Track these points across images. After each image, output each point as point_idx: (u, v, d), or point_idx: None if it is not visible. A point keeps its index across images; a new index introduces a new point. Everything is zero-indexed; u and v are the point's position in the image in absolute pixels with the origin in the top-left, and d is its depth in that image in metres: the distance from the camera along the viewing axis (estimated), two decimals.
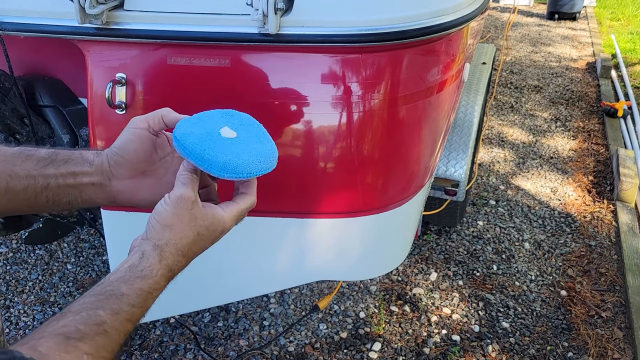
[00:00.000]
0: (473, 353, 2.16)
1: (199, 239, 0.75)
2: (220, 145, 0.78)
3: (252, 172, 0.78)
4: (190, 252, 0.75)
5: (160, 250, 0.72)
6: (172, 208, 0.73)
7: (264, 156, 0.80)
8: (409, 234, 1.68)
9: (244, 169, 0.77)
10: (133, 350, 2.14)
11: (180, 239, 0.73)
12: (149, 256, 0.71)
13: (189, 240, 0.74)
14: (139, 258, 0.70)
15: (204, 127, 0.81)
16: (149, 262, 0.70)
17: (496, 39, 6.35)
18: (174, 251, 0.73)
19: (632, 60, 5.65)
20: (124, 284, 0.67)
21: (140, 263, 0.70)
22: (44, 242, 2.19)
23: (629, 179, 3.12)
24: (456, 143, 2.15)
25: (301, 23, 1.13)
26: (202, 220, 0.75)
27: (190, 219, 0.73)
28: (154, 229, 0.73)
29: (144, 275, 0.69)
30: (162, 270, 0.71)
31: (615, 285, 2.53)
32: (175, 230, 0.73)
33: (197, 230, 0.74)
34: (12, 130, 1.42)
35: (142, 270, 0.69)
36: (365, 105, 1.23)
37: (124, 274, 0.68)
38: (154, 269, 0.70)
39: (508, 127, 4.16)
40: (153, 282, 0.69)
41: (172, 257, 0.72)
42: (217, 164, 0.75)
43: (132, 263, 0.70)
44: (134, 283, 0.67)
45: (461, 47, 1.53)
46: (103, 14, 1.13)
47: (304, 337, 2.21)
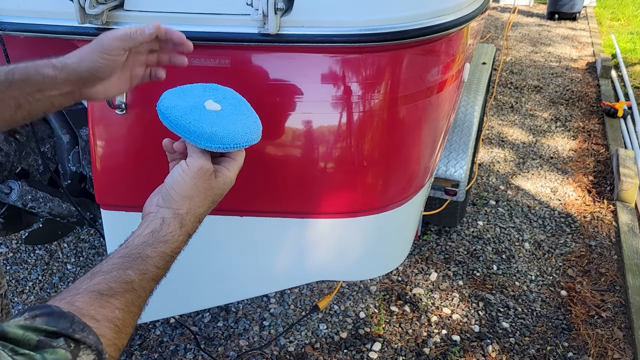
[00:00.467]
0: (473, 353, 2.16)
1: (213, 205, 0.82)
2: (206, 117, 0.81)
3: (238, 143, 0.82)
4: (204, 216, 0.82)
5: (181, 218, 0.78)
6: (192, 179, 0.78)
7: (249, 128, 0.84)
8: (409, 234, 1.68)
9: (230, 140, 0.80)
10: (133, 350, 2.14)
11: (199, 208, 0.79)
12: (169, 223, 0.77)
13: (206, 208, 0.81)
14: (160, 224, 0.77)
15: (188, 100, 0.84)
16: (171, 229, 0.76)
17: (496, 39, 6.35)
18: (193, 219, 0.79)
19: (632, 60, 5.65)
20: (149, 247, 0.73)
21: (162, 229, 0.76)
22: (44, 242, 2.19)
23: (629, 179, 3.12)
24: (456, 143, 2.15)
25: (301, 23, 1.13)
26: (217, 189, 0.81)
27: (207, 188, 0.79)
28: (174, 199, 0.79)
29: (166, 240, 0.75)
30: (183, 236, 0.77)
31: (615, 286, 2.53)
32: (195, 200, 0.79)
33: (212, 199, 0.81)
34: (12, 130, 1.42)
35: (164, 236, 0.75)
36: (365, 105, 1.23)
37: (147, 239, 0.75)
38: (175, 234, 0.76)
39: (508, 127, 4.16)
40: (175, 247, 0.76)
41: (191, 224, 0.79)
42: (203, 135, 0.78)
43: (154, 228, 0.76)
44: (158, 247, 0.74)
45: (461, 47, 1.53)
46: (103, 14, 1.13)
47: (304, 337, 2.21)
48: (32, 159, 1.48)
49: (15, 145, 1.42)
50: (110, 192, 1.34)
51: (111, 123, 1.26)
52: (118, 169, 1.32)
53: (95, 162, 1.30)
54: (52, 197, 1.48)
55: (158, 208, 0.79)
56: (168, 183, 0.80)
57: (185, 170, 0.79)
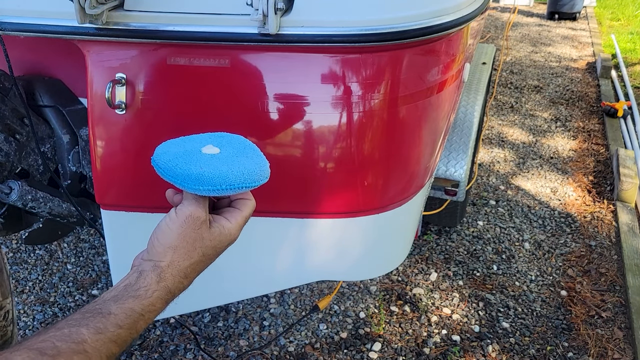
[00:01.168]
0: (473, 353, 2.16)
1: (204, 259, 0.71)
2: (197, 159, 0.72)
3: (232, 184, 0.71)
4: (194, 272, 0.71)
5: (160, 271, 0.68)
6: (178, 227, 0.69)
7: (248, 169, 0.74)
8: (409, 234, 1.68)
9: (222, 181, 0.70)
10: (133, 350, 2.14)
11: (184, 261, 0.69)
12: (146, 276, 0.67)
13: (193, 262, 0.70)
14: (136, 278, 0.67)
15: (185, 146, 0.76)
16: (146, 282, 0.66)
17: (496, 39, 6.35)
18: (176, 273, 0.69)
19: (632, 60, 5.65)
20: (115, 303, 0.63)
21: (137, 282, 0.66)
22: (44, 242, 2.18)
23: (629, 179, 3.12)
24: (456, 143, 2.15)
25: (301, 23, 1.13)
26: (209, 241, 0.71)
27: (196, 239, 0.69)
28: (156, 250, 0.69)
29: (137, 295, 0.65)
30: (160, 292, 0.67)
31: (615, 286, 2.53)
32: (179, 252, 0.69)
33: (203, 251, 0.71)
34: (12, 130, 1.42)
35: (137, 290, 0.65)
36: (365, 105, 1.23)
37: (118, 293, 0.65)
38: (149, 289, 0.66)
39: (508, 127, 4.16)
40: (147, 304, 0.65)
41: (172, 278, 0.68)
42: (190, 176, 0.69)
43: (129, 282, 0.66)
44: (126, 302, 0.64)
45: (461, 47, 1.53)
46: (103, 14, 1.13)
47: (304, 337, 2.21)
48: (32, 159, 1.48)
49: (15, 145, 1.42)
50: (110, 192, 1.34)
51: (111, 123, 1.26)
52: (118, 169, 1.32)
53: (95, 162, 1.30)
54: (52, 197, 1.48)
55: (141, 261, 0.69)
56: (153, 233, 0.71)
57: (172, 218, 0.69)
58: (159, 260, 0.68)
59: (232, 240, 0.75)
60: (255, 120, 1.24)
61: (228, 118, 1.25)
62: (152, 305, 0.66)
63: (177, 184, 0.71)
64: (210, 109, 1.25)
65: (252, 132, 1.26)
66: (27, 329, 2.24)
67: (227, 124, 1.25)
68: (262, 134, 1.26)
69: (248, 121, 1.25)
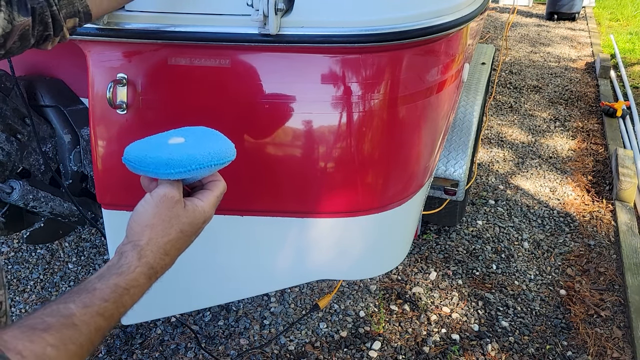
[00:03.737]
0: (472, 352, 2.16)
1: (182, 235, 0.74)
2: (165, 148, 0.77)
3: (201, 163, 0.75)
4: (174, 249, 0.74)
5: (140, 248, 0.71)
6: (154, 207, 0.72)
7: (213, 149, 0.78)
8: (408, 233, 1.68)
9: (191, 162, 0.74)
10: (134, 349, 2.14)
11: (162, 237, 0.72)
12: (127, 255, 0.70)
13: (171, 238, 0.73)
14: (117, 259, 0.70)
15: (151, 142, 0.80)
16: (127, 260, 0.69)
17: (495, 39, 6.36)
18: (155, 249, 0.72)
19: (631, 61, 5.66)
20: (99, 280, 0.66)
21: (119, 262, 0.69)
22: (45, 241, 2.19)
23: (628, 179, 3.13)
24: (456, 143, 2.15)
25: (301, 23, 1.13)
26: (185, 217, 0.74)
27: (172, 216, 0.72)
28: (134, 231, 0.72)
29: (121, 272, 0.68)
30: (141, 267, 0.69)
31: (614, 285, 2.54)
32: (156, 229, 0.72)
33: (180, 228, 0.73)
34: (13, 130, 1.42)
35: (119, 268, 0.68)
36: (365, 105, 1.24)
37: (100, 273, 0.68)
38: (131, 265, 0.69)
39: (507, 127, 4.17)
40: (130, 279, 0.68)
41: (152, 255, 0.71)
42: (160, 162, 0.73)
43: (111, 263, 0.70)
44: (110, 279, 0.67)
45: (461, 47, 1.53)
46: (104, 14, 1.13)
47: (304, 336, 2.22)
48: (33, 158, 1.49)
49: (16, 144, 1.42)
50: (112, 192, 1.35)
51: (112, 123, 1.27)
52: (119, 169, 1.32)
53: (97, 162, 1.30)
54: (53, 196, 1.49)
55: (121, 246, 0.73)
56: (130, 217, 0.74)
57: (147, 200, 0.74)
58: (138, 240, 0.71)
59: (207, 217, 0.77)
60: (256, 120, 1.25)
61: (228, 118, 1.25)
62: (135, 281, 0.68)
63: (149, 173, 0.74)
64: (210, 108, 1.26)
65: (253, 131, 1.26)
66: None
67: (228, 123, 1.25)
68: (263, 133, 1.27)
69: (248, 121, 1.25)
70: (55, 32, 0.89)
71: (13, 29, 0.84)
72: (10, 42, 0.85)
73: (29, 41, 0.89)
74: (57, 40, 0.93)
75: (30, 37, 0.88)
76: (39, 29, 0.89)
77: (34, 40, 0.90)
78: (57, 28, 0.89)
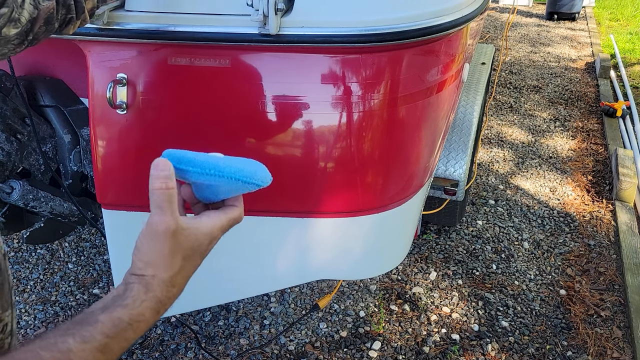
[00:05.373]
0: (472, 352, 2.16)
1: (187, 262, 0.69)
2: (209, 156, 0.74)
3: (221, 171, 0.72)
4: (181, 277, 0.69)
5: (146, 282, 0.66)
6: (149, 242, 0.67)
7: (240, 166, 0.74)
8: (408, 233, 1.68)
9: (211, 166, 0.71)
10: (134, 349, 2.14)
11: (165, 272, 0.67)
12: (133, 287, 0.66)
13: (175, 270, 0.68)
14: (123, 289, 0.66)
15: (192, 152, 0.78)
16: (133, 292, 0.65)
17: (495, 39, 6.36)
18: (162, 284, 0.67)
19: (631, 61, 5.66)
20: (103, 312, 0.63)
21: (125, 293, 0.65)
22: (45, 241, 2.19)
23: (627, 179, 3.13)
24: (455, 143, 2.16)
25: (301, 23, 1.13)
26: (187, 242, 0.68)
27: (171, 248, 0.67)
28: (137, 265, 0.68)
29: (126, 304, 0.64)
30: (148, 302, 0.66)
31: (614, 285, 2.54)
32: (159, 265, 0.67)
33: (182, 255, 0.68)
34: (13, 130, 1.42)
35: (124, 299, 0.64)
36: (365, 105, 1.24)
37: (105, 303, 0.64)
38: (137, 298, 0.65)
39: (507, 127, 4.17)
40: (135, 313, 0.64)
41: (159, 289, 0.67)
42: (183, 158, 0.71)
43: (117, 294, 0.65)
44: (114, 312, 0.63)
45: (461, 47, 1.53)
46: (104, 15, 1.13)
47: (304, 336, 2.22)
48: (33, 158, 1.49)
49: (16, 144, 1.42)
50: (112, 192, 1.35)
51: (112, 123, 1.27)
52: (119, 169, 1.32)
53: (97, 162, 1.30)
54: (53, 196, 1.49)
55: (128, 275, 0.69)
56: (134, 249, 0.70)
57: (144, 234, 0.68)
58: (143, 275, 0.67)
59: (213, 238, 0.72)
60: (256, 120, 1.25)
61: (229, 118, 1.25)
62: (141, 315, 0.65)
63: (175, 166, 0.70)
64: (211, 108, 1.26)
65: (253, 131, 1.26)
66: (29, 328, 2.25)
67: (228, 123, 1.26)
68: (263, 133, 1.27)
69: (249, 121, 1.25)
70: (77, 15, 0.92)
71: (39, 14, 0.87)
72: (36, 27, 0.89)
73: (53, 25, 0.92)
74: (78, 23, 0.96)
75: (54, 21, 0.91)
76: (62, 12, 0.92)
77: (57, 24, 0.93)
78: (79, 10, 0.92)
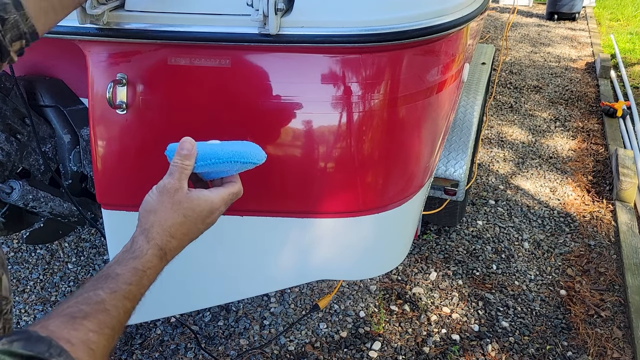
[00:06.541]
0: (473, 352, 2.16)
1: (187, 220, 0.81)
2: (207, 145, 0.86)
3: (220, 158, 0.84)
4: (179, 232, 0.80)
5: (147, 232, 0.78)
6: (156, 196, 0.80)
7: (236, 149, 0.86)
8: (408, 233, 1.68)
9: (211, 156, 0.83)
10: (134, 349, 2.14)
11: (165, 221, 0.79)
12: (137, 239, 0.78)
13: (175, 222, 0.80)
14: (130, 244, 0.78)
15: None
16: (139, 244, 0.77)
17: (496, 39, 6.36)
18: (160, 231, 0.79)
19: (631, 61, 5.66)
20: (118, 265, 0.74)
21: (132, 246, 0.77)
22: (45, 241, 2.19)
23: (628, 179, 3.13)
24: (456, 143, 2.15)
25: (301, 23, 1.13)
26: (187, 203, 0.80)
27: (174, 203, 0.80)
28: (142, 217, 0.80)
29: (135, 255, 0.75)
30: (152, 249, 0.77)
31: (614, 285, 2.54)
32: (159, 213, 0.79)
33: (183, 213, 0.80)
34: (13, 130, 1.42)
35: (133, 252, 0.76)
36: (365, 105, 1.24)
37: (118, 258, 0.76)
38: (143, 249, 0.76)
39: (507, 127, 4.17)
40: (145, 261, 0.75)
41: (159, 236, 0.78)
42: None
43: (126, 248, 0.77)
44: (128, 264, 0.74)
45: (461, 47, 1.53)
46: (104, 14, 1.13)
47: (304, 336, 2.22)
48: (33, 158, 1.49)
49: (16, 144, 1.42)
50: (111, 192, 1.35)
51: (112, 123, 1.27)
52: (119, 169, 1.32)
53: (96, 162, 1.30)
54: (53, 196, 1.48)
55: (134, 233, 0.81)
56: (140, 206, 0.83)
57: (152, 190, 0.82)
58: (144, 224, 0.79)
59: (213, 208, 0.83)
60: (256, 120, 1.25)
61: (229, 118, 1.25)
62: (149, 262, 0.76)
63: None
64: (211, 108, 1.26)
65: (253, 132, 1.26)
66: None
67: (228, 123, 1.25)
68: (263, 133, 1.27)
69: (248, 121, 1.25)
70: (2, 58, 0.87)
71: None
72: None
73: None
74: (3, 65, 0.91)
75: None
76: None
77: None
78: (4, 53, 0.86)
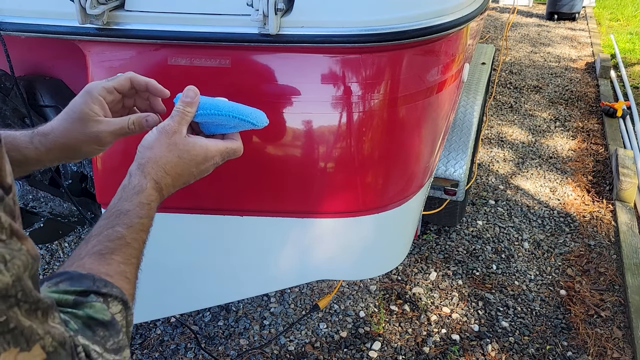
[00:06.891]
0: (472, 352, 2.16)
1: (181, 161, 0.84)
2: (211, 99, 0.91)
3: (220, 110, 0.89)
4: (173, 171, 0.83)
5: (143, 167, 0.81)
6: (155, 135, 0.83)
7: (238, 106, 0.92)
8: (408, 233, 1.68)
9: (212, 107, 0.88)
10: (134, 349, 2.14)
11: (160, 158, 0.82)
12: (134, 174, 0.81)
13: (169, 160, 0.83)
14: (127, 179, 0.81)
15: None
16: (137, 179, 0.80)
17: (496, 39, 6.36)
18: (155, 167, 0.81)
19: (631, 61, 5.66)
20: (125, 202, 0.77)
21: (130, 182, 0.80)
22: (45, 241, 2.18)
23: (628, 179, 3.13)
24: (456, 143, 2.15)
25: (301, 23, 1.13)
26: (183, 145, 0.84)
27: (170, 143, 0.83)
28: (139, 152, 0.83)
29: (137, 191, 0.79)
30: (149, 182, 0.80)
31: (614, 285, 2.54)
32: (155, 150, 0.82)
33: (178, 154, 0.83)
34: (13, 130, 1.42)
35: (133, 187, 0.79)
36: (365, 105, 1.24)
37: (120, 195, 0.79)
38: (142, 183, 0.80)
39: (507, 127, 4.17)
40: (147, 194, 0.79)
41: (154, 171, 0.81)
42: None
43: (123, 184, 0.80)
44: (133, 199, 0.77)
45: (461, 47, 1.53)
46: (104, 15, 1.13)
47: (304, 336, 2.22)
48: None
49: None
50: (111, 192, 1.34)
51: None
52: (119, 169, 1.32)
53: (96, 162, 1.30)
54: (53, 196, 1.48)
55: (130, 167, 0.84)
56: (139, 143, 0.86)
57: (152, 130, 0.85)
58: (140, 159, 0.82)
59: (208, 156, 0.86)
60: None
61: None
62: (151, 195, 0.79)
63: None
64: None
65: (253, 132, 1.26)
66: None
67: None
68: (263, 134, 1.27)
69: None
70: None
71: None
72: None
73: None
74: None
75: None
76: None
77: None
78: None
